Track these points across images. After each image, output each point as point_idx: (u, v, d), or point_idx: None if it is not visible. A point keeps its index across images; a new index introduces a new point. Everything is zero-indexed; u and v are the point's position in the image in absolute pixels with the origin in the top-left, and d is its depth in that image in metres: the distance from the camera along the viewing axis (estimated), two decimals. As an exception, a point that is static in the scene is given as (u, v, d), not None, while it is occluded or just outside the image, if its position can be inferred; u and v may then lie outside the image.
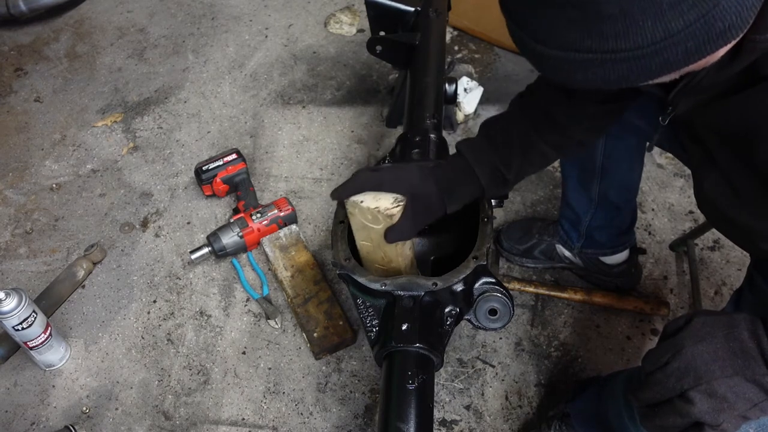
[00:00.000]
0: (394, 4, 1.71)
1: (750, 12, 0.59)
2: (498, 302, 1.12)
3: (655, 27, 0.57)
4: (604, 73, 0.63)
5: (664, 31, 0.58)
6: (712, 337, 0.74)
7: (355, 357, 1.55)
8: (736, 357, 0.72)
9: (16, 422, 1.47)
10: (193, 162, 1.91)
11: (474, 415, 1.45)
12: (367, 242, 1.15)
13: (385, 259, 1.17)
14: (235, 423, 1.46)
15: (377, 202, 1.07)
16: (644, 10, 0.56)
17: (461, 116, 2.03)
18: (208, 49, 2.38)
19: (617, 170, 1.36)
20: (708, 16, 0.57)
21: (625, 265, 1.59)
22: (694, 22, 0.57)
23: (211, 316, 1.64)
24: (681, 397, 0.73)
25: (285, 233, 1.74)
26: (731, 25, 0.59)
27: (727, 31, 0.59)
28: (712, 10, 0.57)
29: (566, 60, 0.63)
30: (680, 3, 0.56)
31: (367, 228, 1.11)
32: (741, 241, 1.00)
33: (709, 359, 0.72)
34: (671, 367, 0.74)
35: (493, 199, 1.28)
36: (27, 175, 2.00)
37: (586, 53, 0.61)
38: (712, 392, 0.71)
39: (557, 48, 0.63)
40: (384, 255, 1.16)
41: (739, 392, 0.71)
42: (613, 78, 0.63)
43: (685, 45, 0.59)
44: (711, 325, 0.75)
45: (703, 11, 0.57)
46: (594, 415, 1.23)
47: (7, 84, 2.30)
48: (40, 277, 1.73)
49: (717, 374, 0.71)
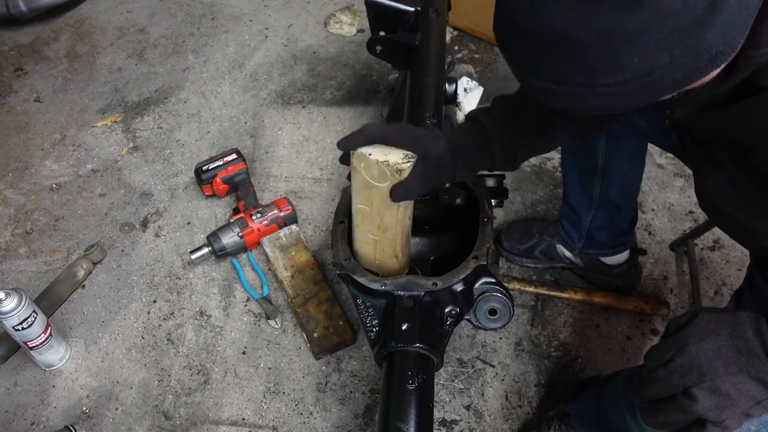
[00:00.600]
0: (394, 4, 1.71)
1: (738, 37, 0.61)
2: (498, 302, 1.12)
3: (643, 62, 0.60)
4: (598, 103, 0.66)
5: (651, 66, 0.60)
6: (716, 335, 0.74)
7: (355, 357, 1.55)
8: (740, 354, 0.72)
9: (16, 422, 1.47)
10: (193, 162, 1.91)
11: (474, 415, 1.45)
12: (365, 206, 1.08)
13: (381, 227, 1.10)
14: (235, 423, 1.46)
15: (386, 156, 0.99)
16: (631, 48, 0.59)
17: (461, 116, 2.03)
18: (208, 49, 2.38)
19: (618, 170, 1.36)
20: (694, 49, 0.59)
21: (626, 265, 1.59)
22: (681, 56, 0.59)
23: (211, 316, 1.64)
24: (684, 393, 0.73)
25: (285, 233, 1.75)
26: (719, 53, 0.61)
27: (715, 58, 0.61)
28: (698, 43, 0.59)
29: (560, 92, 0.66)
30: (666, 40, 0.58)
31: (370, 187, 1.03)
32: (742, 239, 1.00)
33: (713, 356, 0.72)
34: (675, 363, 0.74)
35: (494, 199, 1.28)
36: (27, 175, 2.00)
37: (579, 87, 0.64)
38: (716, 389, 0.71)
39: (551, 82, 0.66)
40: (380, 222, 1.09)
41: (743, 389, 0.71)
42: (607, 107, 0.66)
43: (673, 76, 0.61)
44: (715, 322, 0.75)
45: (687, 45, 0.59)
46: (594, 415, 1.23)
47: (7, 84, 2.30)
48: (40, 277, 1.73)
49: (721, 371, 0.71)
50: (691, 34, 0.58)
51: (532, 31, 0.63)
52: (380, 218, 1.09)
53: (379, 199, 1.04)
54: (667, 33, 0.57)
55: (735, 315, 0.76)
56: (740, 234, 0.98)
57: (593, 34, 0.58)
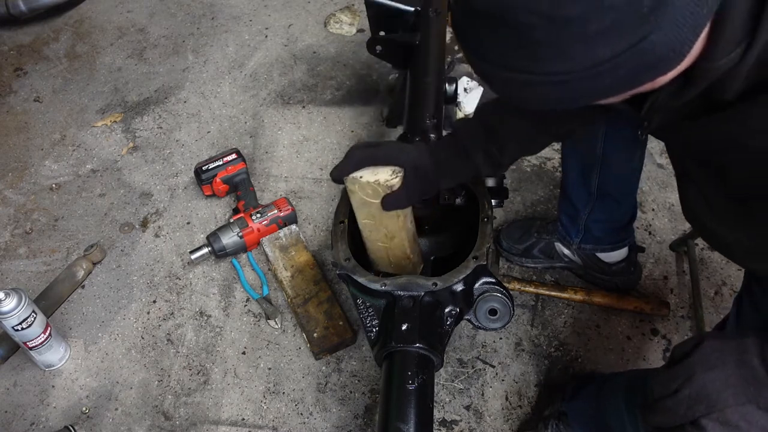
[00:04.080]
0: (394, 4, 1.71)
1: (685, 46, 0.60)
2: (498, 302, 1.12)
3: (584, 53, 0.59)
4: (543, 93, 0.65)
5: (593, 59, 0.60)
6: (723, 364, 0.74)
7: (355, 357, 1.55)
8: (747, 384, 0.72)
9: (16, 422, 1.47)
10: (193, 162, 1.91)
11: (474, 415, 1.45)
12: (368, 220, 1.18)
13: (388, 236, 1.19)
14: (235, 423, 1.46)
15: (376, 176, 1.10)
16: (572, 36, 0.58)
17: (461, 116, 2.03)
18: (208, 49, 2.38)
19: (616, 160, 1.35)
20: (637, 47, 0.58)
21: (624, 263, 1.59)
22: (623, 52, 0.59)
23: (211, 316, 1.64)
24: (693, 424, 0.73)
25: (285, 233, 1.74)
26: (664, 57, 0.60)
27: (660, 62, 0.61)
28: (641, 42, 0.58)
29: (508, 79, 0.66)
30: (607, 32, 0.57)
31: (368, 204, 1.13)
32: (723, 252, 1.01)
33: (721, 387, 0.72)
34: (683, 394, 0.74)
35: (494, 199, 1.28)
36: (27, 175, 2.00)
37: (525, 74, 0.64)
38: (725, 420, 0.71)
39: (495, 66, 0.66)
40: (386, 231, 1.18)
41: (752, 420, 0.71)
42: (552, 98, 0.66)
43: (617, 73, 0.61)
44: (721, 350, 0.75)
45: (631, 42, 0.58)
46: (592, 416, 1.23)
47: (7, 84, 2.30)
48: (39, 277, 1.73)
49: (730, 402, 0.71)
50: (634, 31, 0.57)
51: (479, 11, 0.63)
52: (385, 228, 1.17)
53: (379, 212, 1.13)
54: (608, 25, 0.57)
55: (740, 342, 0.76)
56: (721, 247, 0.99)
57: (534, 16, 0.58)
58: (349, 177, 1.11)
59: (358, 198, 1.14)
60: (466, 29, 0.67)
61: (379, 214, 1.14)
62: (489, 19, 0.62)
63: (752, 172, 0.76)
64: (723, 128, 0.74)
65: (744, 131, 0.71)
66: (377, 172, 1.11)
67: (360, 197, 1.13)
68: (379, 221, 1.16)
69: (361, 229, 1.21)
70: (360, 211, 1.18)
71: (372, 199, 1.12)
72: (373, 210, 1.14)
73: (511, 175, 1.89)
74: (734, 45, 0.63)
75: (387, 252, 1.24)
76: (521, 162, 1.92)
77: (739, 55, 0.64)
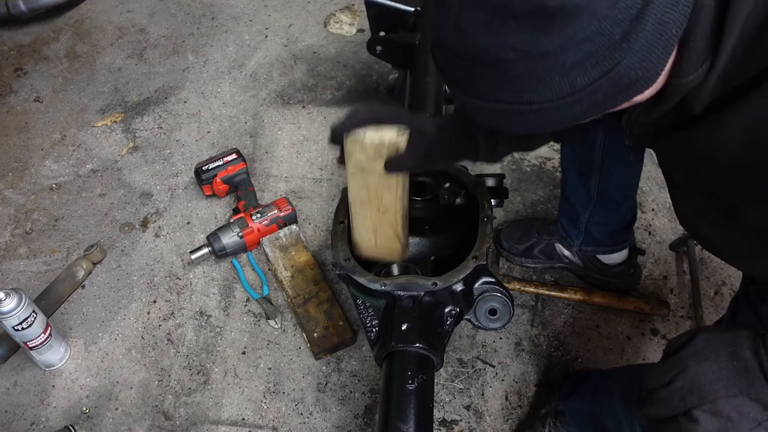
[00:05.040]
0: (394, 4, 1.71)
1: (657, 65, 0.63)
2: (498, 302, 1.12)
3: (562, 83, 0.62)
4: (525, 121, 0.68)
5: (570, 87, 0.63)
6: (716, 356, 0.74)
7: (355, 357, 1.55)
8: (739, 376, 0.73)
9: (16, 422, 1.47)
10: (193, 162, 1.91)
11: (474, 415, 1.45)
12: (362, 190, 1.10)
13: (381, 210, 1.12)
14: (235, 423, 1.46)
15: (380, 135, 1.00)
16: (549, 69, 0.61)
17: (461, 116, 2.03)
18: (208, 49, 2.38)
19: (616, 164, 1.36)
20: (612, 73, 0.62)
21: (624, 265, 1.59)
22: (598, 79, 0.62)
23: (211, 316, 1.64)
24: (686, 415, 0.73)
25: (285, 233, 1.74)
26: (638, 78, 0.63)
27: (635, 83, 0.64)
28: (615, 67, 0.61)
29: (487, 109, 0.69)
30: (583, 62, 0.61)
31: (365, 170, 1.05)
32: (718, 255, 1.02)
33: (713, 378, 0.73)
34: (675, 385, 0.75)
35: (494, 199, 1.28)
36: (27, 175, 2.00)
37: (504, 104, 0.67)
38: (717, 412, 0.72)
39: (478, 98, 0.69)
40: (379, 204, 1.11)
41: (744, 412, 0.71)
42: (535, 125, 0.69)
43: (594, 98, 0.64)
44: (714, 343, 0.76)
45: (605, 69, 0.61)
46: (589, 414, 1.23)
47: (7, 84, 2.30)
48: (40, 277, 1.73)
49: (721, 394, 0.72)
50: (608, 59, 0.60)
51: (456, 49, 0.66)
52: (379, 200, 1.10)
53: (376, 180, 1.06)
54: (583, 56, 0.60)
55: (733, 335, 0.76)
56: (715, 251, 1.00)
57: (512, 53, 0.61)
58: (351, 136, 1.01)
59: (355, 162, 1.04)
60: (448, 67, 0.70)
61: (375, 182, 1.06)
62: (467, 56, 0.65)
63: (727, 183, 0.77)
64: (693, 142, 0.77)
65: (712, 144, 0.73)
66: (381, 130, 1.00)
67: (358, 160, 1.03)
68: (374, 191, 1.08)
69: (351, 202, 1.13)
70: (354, 179, 1.08)
71: (372, 162, 1.03)
72: (369, 177, 1.05)
73: (511, 175, 1.89)
74: (700, 62, 0.66)
75: (375, 231, 1.16)
76: (521, 162, 1.93)
77: (705, 72, 0.67)
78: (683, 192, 0.94)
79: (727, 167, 0.73)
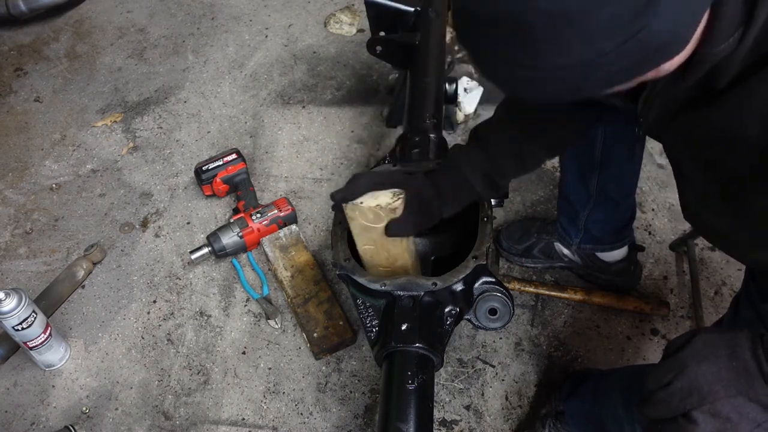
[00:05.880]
0: (394, 4, 1.71)
1: (688, 29, 0.61)
2: (498, 302, 1.12)
3: (586, 48, 0.60)
4: (547, 88, 0.66)
5: (596, 51, 0.60)
6: (715, 357, 0.74)
7: (355, 357, 1.55)
8: (739, 377, 0.72)
9: (16, 422, 1.47)
10: (193, 162, 1.91)
11: (474, 415, 1.45)
12: (369, 245, 1.15)
13: (390, 260, 1.16)
14: (235, 423, 1.46)
15: (377, 200, 1.08)
16: (574, 32, 0.59)
17: (461, 116, 2.03)
18: (208, 49, 2.38)
19: (615, 162, 1.36)
20: (639, 36, 0.59)
21: (624, 263, 1.59)
22: (625, 43, 0.59)
23: (211, 316, 1.64)
24: (685, 416, 0.73)
25: (285, 233, 1.74)
26: (667, 43, 0.61)
27: (663, 48, 0.61)
28: (642, 30, 0.59)
29: (512, 76, 0.67)
30: (607, 26, 0.58)
31: (369, 230, 1.11)
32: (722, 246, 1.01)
33: (712, 379, 0.73)
34: (674, 386, 0.74)
35: (493, 199, 1.28)
36: (27, 175, 2.00)
37: (528, 70, 0.64)
38: (716, 412, 0.71)
39: (499, 64, 0.67)
40: (388, 255, 1.15)
41: (743, 412, 0.71)
42: (557, 92, 0.67)
43: (621, 63, 0.62)
44: (713, 344, 0.76)
45: (632, 32, 0.59)
46: (589, 414, 1.23)
47: (7, 84, 2.30)
48: (40, 277, 1.73)
49: (721, 394, 0.72)
50: (634, 22, 0.58)
51: (479, 12, 0.64)
52: (387, 252, 1.15)
53: (380, 237, 1.12)
54: (607, 18, 0.58)
55: (733, 336, 0.76)
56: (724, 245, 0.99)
57: (534, 13, 0.59)
58: (349, 204, 1.10)
59: (358, 224, 1.12)
60: (468, 31, 0.68)
61: (381, 239, 1.12)
62: (489, 20, 0.63)
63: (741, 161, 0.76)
64: (712, 118, 0.75)
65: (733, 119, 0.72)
66: (377, 195, 1.09)
67: (360, 223, 1.12)
68: (381, 246, 1.14)
69: (362, 255, 1.19)
70: (360, 238, 1.15)
71: (374, 224, 1.10)
72: (375, 235, 1.12)
73: (511, 175, 1.89)
74: (732, 30, 0.64)
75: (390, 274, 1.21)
76: (521, 162, 1.93)
77: (737, 40, 0.65)
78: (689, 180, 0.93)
79: (746, 144, 0.72)
